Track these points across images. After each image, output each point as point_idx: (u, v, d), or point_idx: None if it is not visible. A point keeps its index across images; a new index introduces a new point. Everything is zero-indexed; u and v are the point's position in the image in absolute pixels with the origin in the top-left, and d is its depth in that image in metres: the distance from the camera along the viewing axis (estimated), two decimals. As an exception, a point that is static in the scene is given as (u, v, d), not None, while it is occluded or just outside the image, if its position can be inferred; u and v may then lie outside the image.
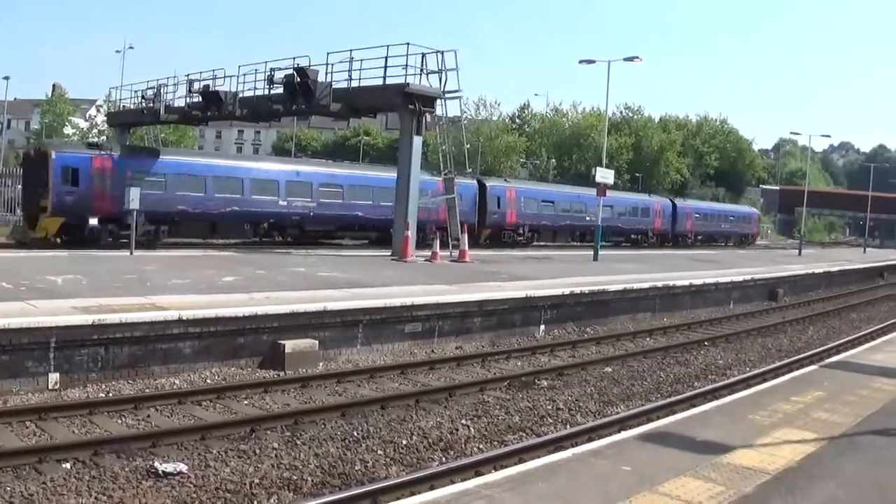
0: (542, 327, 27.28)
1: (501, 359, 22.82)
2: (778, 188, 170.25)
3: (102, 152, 41.25)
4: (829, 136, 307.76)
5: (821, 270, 53.22)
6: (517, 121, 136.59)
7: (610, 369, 22.39)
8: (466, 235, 40.23)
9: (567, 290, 28.63)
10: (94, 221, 39.67)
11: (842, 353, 23.20)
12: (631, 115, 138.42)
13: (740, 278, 40.73)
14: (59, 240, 39.55)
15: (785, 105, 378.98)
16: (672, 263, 47.03)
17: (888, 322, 36.38)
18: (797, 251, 79.37)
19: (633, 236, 76.07)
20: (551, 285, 29.39)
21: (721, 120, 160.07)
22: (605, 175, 46.68)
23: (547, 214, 64.64)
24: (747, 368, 24.00)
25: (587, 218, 63.77)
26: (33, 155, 42.54)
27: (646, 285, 32.85)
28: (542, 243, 63.97)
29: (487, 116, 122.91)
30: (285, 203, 46.69)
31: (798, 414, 14.27)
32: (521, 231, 61.57)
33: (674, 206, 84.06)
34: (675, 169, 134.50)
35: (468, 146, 42.22)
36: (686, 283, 35.75)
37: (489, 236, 58.46)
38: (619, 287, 31.26)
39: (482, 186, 57.92)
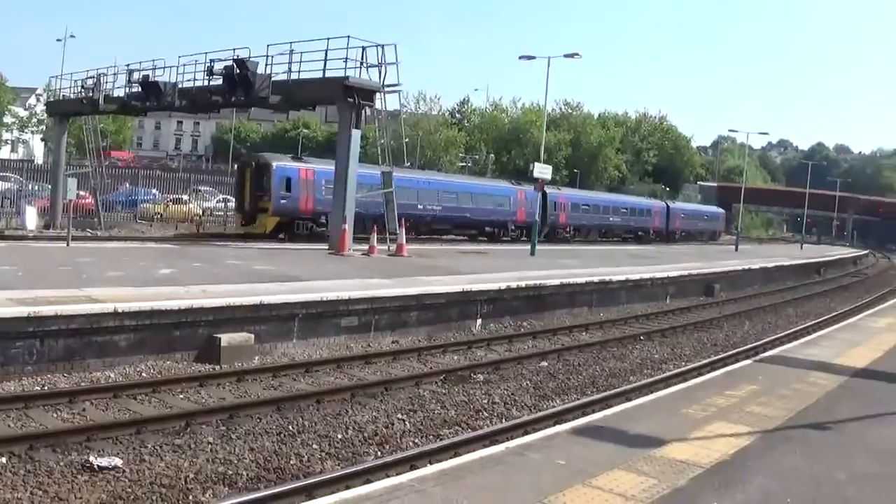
0: (479, 322, 27.28)
1: (438, 353, 22.76)
2: (716, 185, 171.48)
3: (307, 164, 50.79)
4: (767, 133, 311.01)
5: (757, 266, 53.73)
6: (457, 116, 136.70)
7: (546, 363, 22.41)
8: (404, 230, 40.12)
9: (504, 285, 28.65)
10: (301, 220, 48.81)
11: (777, 348, 23.37)
12: (570, 111, 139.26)
13: (676, 273, 41.01)
14: (281, 235, 47.98)
15: (724, 103, 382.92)
16: (611, 259, 47.26)
17: (824, 317, 36.76)
18: (734, 247, 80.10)
19: (639, 234, 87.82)
20: (489, 280, 29.40)
21: (660, 117, 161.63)
22: (543, 170, 46.85)
23: (599, 217, 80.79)
24: (683, 363, 24.14)
25: (610, 219, 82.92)
26: (255, 165, 50.01)
27: (582, 280, 32.96)
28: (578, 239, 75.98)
29: (427, 111, 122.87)
30: (421, 206, 57.37)
31: (732, 408, 14.35)
32: (568, 230, 75.08)
33: (668, 208, 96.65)
34: (614, 165, 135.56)
35: (407, 140, 42.14)
36: (622, 278, 35.90)
37: (546, 234, 68.52)
38: (557, 282, 31.36)
39: (544, 194, 63.56)
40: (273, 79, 38.47)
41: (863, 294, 52.54)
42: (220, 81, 39.48)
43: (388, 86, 37.24)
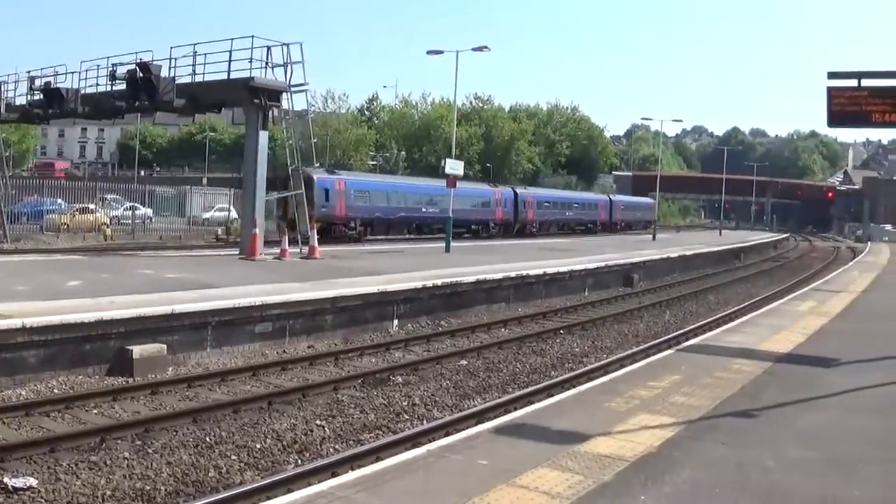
0: (396, 322, 27.26)
1: (355, 356, 22.71)
2: (630, 174, 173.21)
3: (339, 176, 61.82)
4: (681, 120, 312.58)
5: (676, 254, 54.30)
6: (366, 113, 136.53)
7: (465, 362, 22.45)
8: (315, 231, 40.01)
9: (420, 284, 28.68)
10: (335, 224, 58.91)
11: (699, 336, 23.64)
12: (481, 105, 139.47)
13: (594, 265, 41.29)
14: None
15: (636, 92, 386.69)
16: (526, 253, 47.46)
17: (745, 303, 37.24)
18: (651, 236, 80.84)
19: (588, 226, 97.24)
20: (405, 279, 29.41)
21: (572, 107, 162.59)
22: (454, 167, 46.96)
23: (558, 212, 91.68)
24: (604, 355, 24.31)
25: (566, 214, 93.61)
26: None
27: (499, 276, 33.07)
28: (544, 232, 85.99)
29: (335, 109, 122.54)
30: (425, 210, 68.81)
31: (656, 399, 14.48)
32: (534, 225, 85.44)
33: (611, 201, 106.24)
34: (527, 158, 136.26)
35: (316, 140, 41.99)
36: (540, 272, 36.09)
37: (517, 230, 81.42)
38: (473, 279, 31.45)
39: (515, 193, 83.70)
40: (177, 82, 38.04)
41: (784, 278, 53.26)
42: (123, 86, 38.95)
43: (295, 85, 37.10)
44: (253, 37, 36.21)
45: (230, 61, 36.67)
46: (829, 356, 19.08)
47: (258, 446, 14.61)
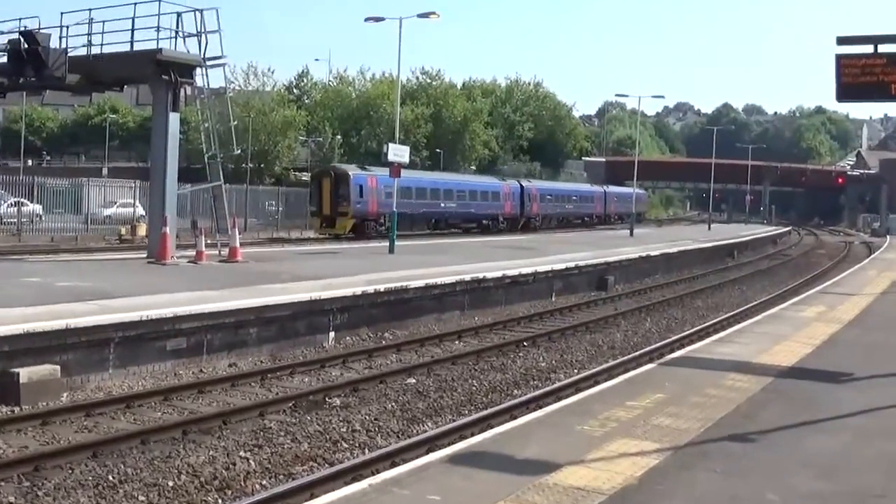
0: (332, 335, 27.26)
1: (285, 375, 22.70)
2: (604, 160, 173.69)
3: (371, 172, 72.23)
4: (662, 96, 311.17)
5: (657, 252, 54.58)
6: (295, 91, 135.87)
7: (414, 380, 22.50)
8: (237, 230, 39.81)
9: (360, 290, 28.69)
10: (368, 221, 70.36)
11: (686, 348, 23.77)
12: (429, 81, 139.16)
13: (562, 266, 41.45)
14: (351, 234, 69.16)
15: (610, 65, 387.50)
16: (485, 253, 47.50)
17: (740, 309, 37.55)
18: (628, 231, 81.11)
19: (584, 219, 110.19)
20: (343, 284, 29.41)
21: (535, 83, 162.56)
22: (399, 152, 46.90)
23: (558, 205, 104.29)
24: (575, 371, 24.44)
25: (566, 207, 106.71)
26: (333, 175, 71.55)
27: (451, 279, 33.16)
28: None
29: (259, 87, 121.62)
30: (443, 205, 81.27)
31: (636, 421, 14.52)
32: (538, 219, 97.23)
33: (605, 193, 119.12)
34: (483, 142, 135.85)
35: (236, 123, 41.61)
36: (498, 274, 36.17)
37: (522, 224, 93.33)
38: (421, 283, 31.51)
39: (522, 187, 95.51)
40: (70, 54, 37.45)
41: (787, 279, 53.69)
42: (3, 59, 38.54)
43: (211, 59, 36.84)
44: (160, 1, 35.80)
45: (133, 30, 36.09)
46: (840, 370, 19.23)
47: (171, 484, 14.51)
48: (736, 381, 17.78)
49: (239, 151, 48.85)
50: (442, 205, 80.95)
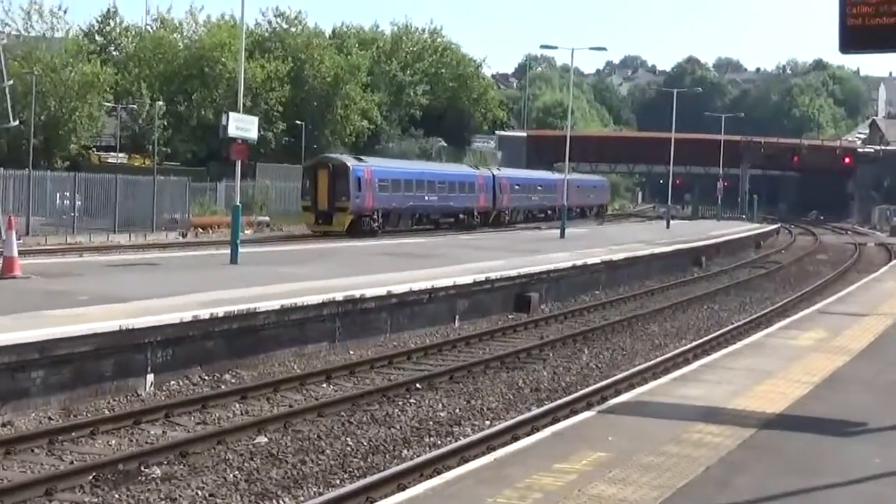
0: (151, 378, 27.02)
1: (83, 437, 22.32)
2: (524, 134, 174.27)
3: (366, 164, 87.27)
4: (604, 48, 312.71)
5: (598, 260, 54.84)
6: (98, 39, 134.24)
7: (265, 439, 22.36)
8: (14, 234, 39.24)
9: (191, 315, 28.43)
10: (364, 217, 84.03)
11: (636, 389, 23.85)
12: (286, 27, 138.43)
13: (469, 279, 41.43)
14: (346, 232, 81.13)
15: (533, 6, 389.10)
16: (367, 263, 47.40)
17: (709, 335, 37.80)
18: (558, 231, 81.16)
19: (548, 212, 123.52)
20: (167, 308, 29.12)
21: (431, 31, 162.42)
22: (243, 125, 46.42)
23: (521, 196, 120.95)
24: (486, 422, 24.44)
25: (532, 198, 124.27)
26: (332, 167, 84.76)
27: (317, 299, 32.95)
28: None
29: (46, 32, 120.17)
30: (427, 198, 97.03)
31: (568, 491, 14.44)
32: (507, 213, 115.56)
33: (567, 182, 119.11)
34: (360, 110, 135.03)
35: (12, 82, 41.04)
36: (382, 291, 36.06)
37: (494, 218, 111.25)
38: (276, 305, 31.29)
39: (493, 176, 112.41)
40: None
41: (773, 294, 54.33)
42: None
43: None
44: None
45: None
46: (847, 418, 19.34)
47: None
48: (705, 435, 17.80)
49: (17, 123, 48.14)
50: (426, 198, 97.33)
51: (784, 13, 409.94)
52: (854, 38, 19.22)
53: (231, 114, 47.19)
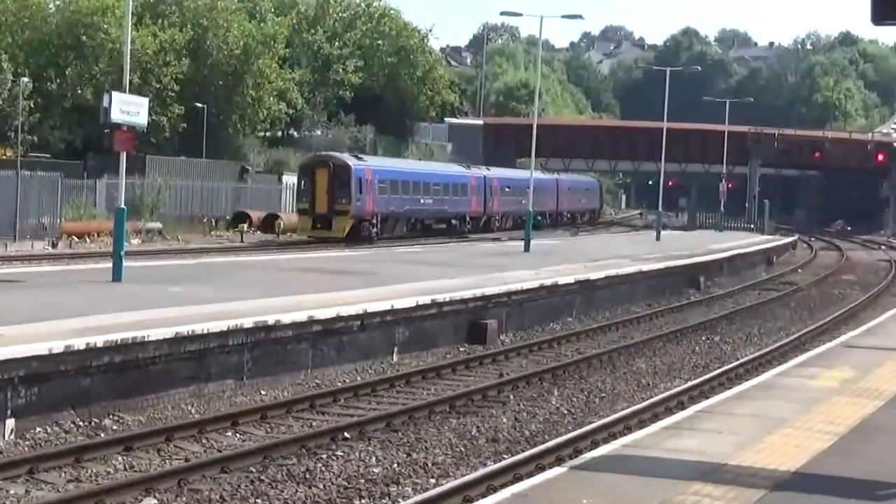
0: (12, 424, 26.94)
1: None
2: (480, 122, 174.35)
3: (366, 163, 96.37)
4: (579, 16, 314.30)
5: (571, 279, 54.83)
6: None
7: (155, 501, 22.29)
8: None
9: (63, 345, 28.34)
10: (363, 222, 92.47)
11: (618, 440, 23.87)
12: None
13: (412, 301, 41.38)
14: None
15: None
16: (287, 280, 47.38)
17: (709, 374, 37.81)
18: (521, 243, 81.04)
19: (538, 217, 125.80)
20: (31, 336, 28.93)
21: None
22: (130, 107, 46.31)
23: (510, 200, 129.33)
24: (431, 480, 24.43)
25: (522, 202, 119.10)
26: (332, 167, 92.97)
27: (221, 326, 32.81)
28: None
29: None
30: (422, 202, 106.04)
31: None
32: (497, 218, 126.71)
33: (557, 183, 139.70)
34: (277, 90, 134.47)
35: None
36: (303, 316, 35.95)
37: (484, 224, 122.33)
38: (168, 333, 31.16)
39: (484, 178, 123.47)
40: None
41: (788, 323, 54.45)
42: None
43: None
44: None
45: None
46: (879, 478, 19.36)
47: None
48: (702, 498, 17.81)
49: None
50: (421, 201, 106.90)
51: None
52: (890, 5, 19.08)
53: (115, 94, 47.04)
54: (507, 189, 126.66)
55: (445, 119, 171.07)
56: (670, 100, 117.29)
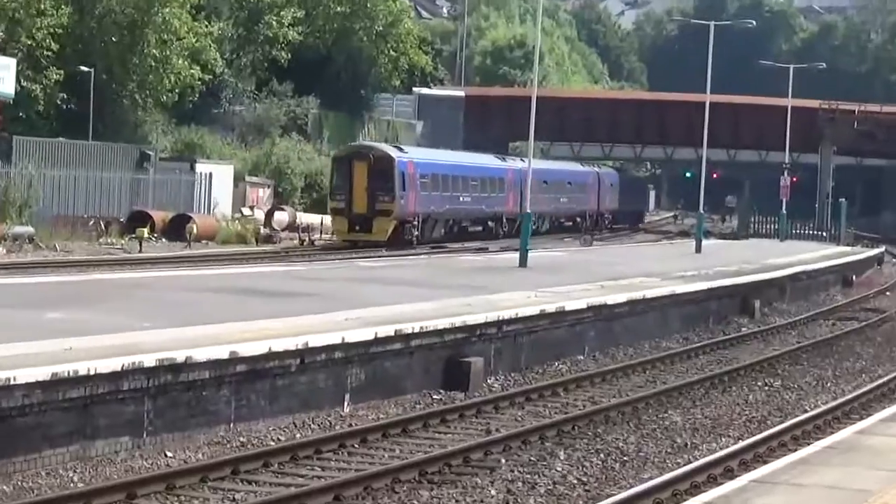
0: None
1: None
2: (461, 92, 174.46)
3: (408, 155, 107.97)
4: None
5: (583, 304, 54.69)
6: None
7: None
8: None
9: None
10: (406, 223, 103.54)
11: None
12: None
13: (369, 332, 41.13)
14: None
15: None
16: (200, 304, 47.33)
17: (767, 432, 37.69)
18: (516, 256, 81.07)
19: (576, 220, 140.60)
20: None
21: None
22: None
23: (546, 198, 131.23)
24: None
25: (561, 200, 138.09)
26: (372, 159, 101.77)
27: (114, 364, 32.53)
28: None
29: None
30: (462, 199, 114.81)
31: None
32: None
33: (599, 178, 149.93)
34: (188, 50, 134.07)
35: None
36: (223, 352, 35.67)
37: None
38: (43, 374, 30.93)
39: (520, 171, 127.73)
40: None
41: (872, 364, 54.32)
42: None
43: None
44: None
45: None
46: None
47: None
48: None
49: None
50: (461, 199, 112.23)
51: None
52: None
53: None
54: (544, 184, 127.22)
55: (414, 89, 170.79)
56: (715, 65, 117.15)
